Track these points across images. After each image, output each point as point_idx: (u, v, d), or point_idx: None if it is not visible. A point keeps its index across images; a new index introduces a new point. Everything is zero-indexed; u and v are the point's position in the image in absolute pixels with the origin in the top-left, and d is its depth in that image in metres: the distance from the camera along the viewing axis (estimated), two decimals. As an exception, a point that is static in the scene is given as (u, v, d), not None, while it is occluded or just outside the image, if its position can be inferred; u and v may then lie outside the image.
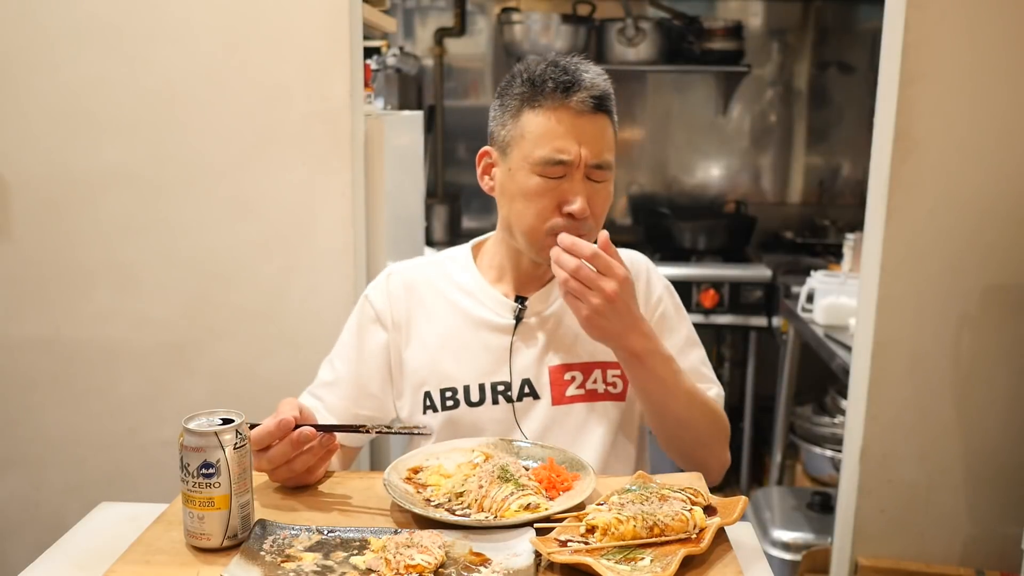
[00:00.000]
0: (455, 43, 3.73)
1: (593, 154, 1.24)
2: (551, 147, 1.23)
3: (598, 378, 1.34)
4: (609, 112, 1.26)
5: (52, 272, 1.86)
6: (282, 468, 1.13)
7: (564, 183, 1.25)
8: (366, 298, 1.41)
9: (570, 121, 1.23)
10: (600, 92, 1.24)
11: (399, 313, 1.38)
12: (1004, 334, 1.70)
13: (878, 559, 1.78)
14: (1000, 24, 1.62)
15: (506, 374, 1.33)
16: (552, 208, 1.25)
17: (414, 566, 0.90)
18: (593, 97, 1.23)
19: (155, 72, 1.79)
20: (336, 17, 1.75)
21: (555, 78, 1.24)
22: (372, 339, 1.38)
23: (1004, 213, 1.67)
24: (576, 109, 1.23)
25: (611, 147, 1.27)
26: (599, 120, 1.25)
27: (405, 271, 1.42)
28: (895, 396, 1.73)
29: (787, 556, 2.48)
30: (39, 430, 1.91)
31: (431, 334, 1.36)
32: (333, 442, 1.16)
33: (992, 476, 1.74)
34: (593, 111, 1.24)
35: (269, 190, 1.81)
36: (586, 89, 1.23)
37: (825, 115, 3.75)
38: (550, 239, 1.25)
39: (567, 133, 1.23)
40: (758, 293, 3.25)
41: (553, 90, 1.24)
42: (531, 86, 1.26)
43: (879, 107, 1.70)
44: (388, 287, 1.40)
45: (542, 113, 1.25)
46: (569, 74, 1.24)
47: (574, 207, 1.24)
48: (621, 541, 0.94)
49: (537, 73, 1.26)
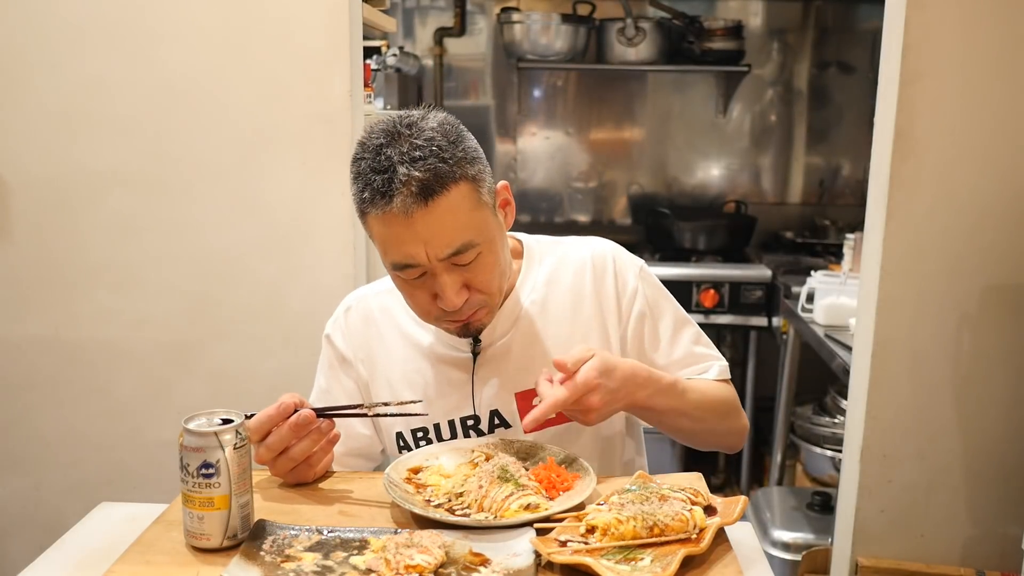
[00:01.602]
0: (455, 43, 3.73)
1: (441, 248, 1.12)
2: (395, 255, 1.14)
3: None
4: (445, 187, 1.10)
5: (52, 272, 1.85)
6: (282, 458, 1.13)
7: (429, 278, 1.16)
8: (328, 339, 1.39)
9: (403, 224, 1.10)
10: (421, 183, 1.08)
11: (360, 351, 1.36)
12: (1004, 334, 1.70)
13: (878, 559, 1.77)
14: (1000, 24, 1.62)
15: (471, 408, 1.31)
16: (430, 302, 1.18)
17: (414, 566, 0.90)
18: (414, 193, 1.08)
19: (155, 72, 1.78)
20: (336, 17, 1.75)
21: (372, 185, 1.10)
22: (343, 383, 1.37)
23: (1004, 213, 1.67)
24: (402, 212, 1.09)
25: (466, 223, 1.13)
26: (435, 209, 1.10)
27: (361, 304, 1.38)
28: (895, 396, 1.73)
29: (787, 556, 2.48)
30: (39, 430, 1.91)
31: (393, 371, 1.34)
32: (333, 429, 1.16)
33: (992, 476, 1.74)
34: (423, 205, 1.09)
35: (269, 190, 1.81)
36: (403, 187, 1.08)
37: (825, 115, 3.75)
38: (445, 323, 1.22)
39: (404, 238, 1.11)
40: (758, 293, 3.25)
41: (372, 199, 1.11)
42: (358, 189, 1.13)
43: (879, 107, 1.70)
44: (347, 324, 1.38)
45: (375, 220, 1.13)
46: (384, 173, 1.09)
47: (443, 304, 1.16)
48: (621, 541, 0.94)
49: (360, 175, 1.13)
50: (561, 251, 1.37)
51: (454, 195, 1.12)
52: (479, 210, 1.15)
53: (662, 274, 3.42)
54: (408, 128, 1.12)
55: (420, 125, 1.13)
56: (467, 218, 1.14)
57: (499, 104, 3.78)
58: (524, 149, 3.81)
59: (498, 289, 1.22)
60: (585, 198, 3.84)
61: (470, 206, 1.14)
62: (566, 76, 3.75)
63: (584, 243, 1.39)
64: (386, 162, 1.10)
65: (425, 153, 1.10)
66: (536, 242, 1.39)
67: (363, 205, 1.13)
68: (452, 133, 1.14)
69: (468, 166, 1.14)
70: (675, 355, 1.35)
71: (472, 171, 1.14)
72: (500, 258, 1.21)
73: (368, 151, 1.13)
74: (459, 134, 1.16)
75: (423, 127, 1.13)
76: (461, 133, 1.16)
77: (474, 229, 1.15)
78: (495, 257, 1.19)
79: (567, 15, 3.49)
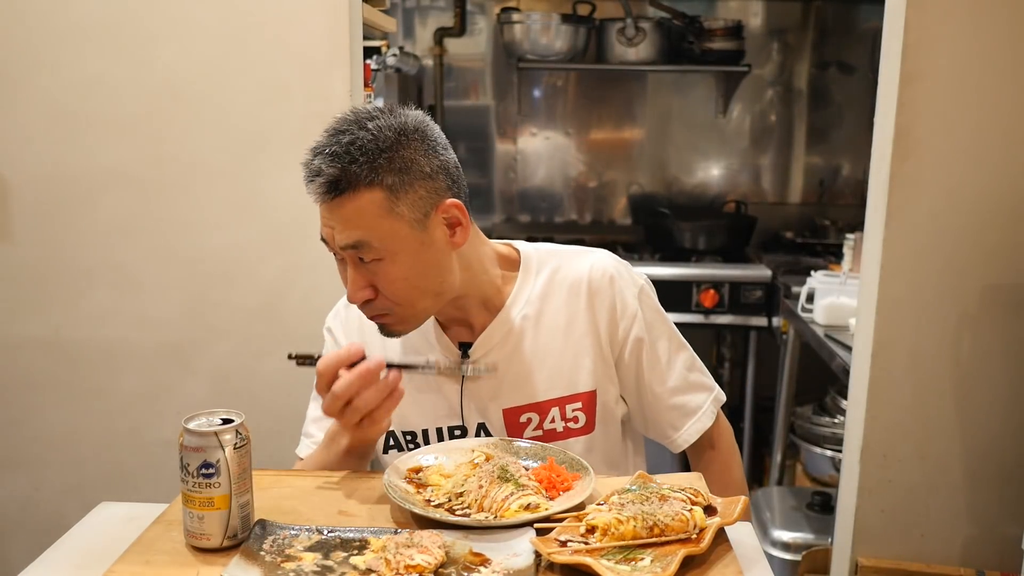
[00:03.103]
0: (455, 43, 3.73)
1: (340, 238, 1.17)
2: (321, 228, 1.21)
3: (555, 416, 1.29)
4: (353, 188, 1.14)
5: (52, 272, 1.85)
6: (348, 408, 1.13)
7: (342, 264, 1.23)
8: (329, 332, 1.40)
9: (320, 206, 1.18)
10: (328, 178, 1.14)
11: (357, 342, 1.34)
12: (1004, 334, 1.70)
13: (878, 559, 1.77)
14: (1000, 24, 1.62)
15: (459, 419, 1.31)
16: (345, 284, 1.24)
17: (414, 566, 0.90)
18: (321, 184, 1.14)
19: (155, 72, 1.78)
20: (336, 17, 1.75)
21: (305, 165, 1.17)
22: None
23: (1004, 213, 1.67)
24: (315, 197, 1.17)
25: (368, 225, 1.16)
26: (341, 205, 1.15)
27: None
28: (895, 396, 1.73)
29: (787, 556, 2.48)
30: (39, 430, 1.91)
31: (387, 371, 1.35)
32: (399, 383, 1.16)
33: (992, 476, 1.74)
34: (329, 198, 1.15)
35: (269, 190, 1.81)
36: (316, 176, 1.15)
37: (825, 115, 3.75)
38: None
39: (323, 218, 1.19)
40: (758, 293, 3.24)
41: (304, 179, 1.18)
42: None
43: (879, 107, 1.70)
44: (346, 318, 1.39)
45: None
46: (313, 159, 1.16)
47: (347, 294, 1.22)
48: (621, 541, 0.94)
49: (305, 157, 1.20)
50: (558, 263, 1.34)
51: (362, 198, 1.14)
52: (387, 219, 1.16)
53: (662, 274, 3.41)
54: (355, 124, 1.16)
55: (366, 124, 1.16)
56: (370, 222, 1.15)
57: (499, 104, 3.78)
58: (524, 149, 3.81)
59: (407, 301, 1.21)
60: (585, 198, 3.84)
61: (377, 213, 1.15)
62: (566, 76, 3.75)
63: (584, 257, 1.35)
64: (318, 149, 1.16)
65: (342, 151, 1.14)
66: (534, 251, 1.36)
67: None
68: (389, 140, 1.15)
69: (388, 175, 1.15)
70: (671, 381, 1.33)
71: (390, 180, 1.15)
72: (410, 272, 1.19)
73: (325, 131, 1.18)
74: (397, 142, 1.16)
75: (366, 125, 1.16)
76: (402, 142, 1.16)
77: (375, 234, 1.16)
78: (401, 270, 1.19)
79: (567, 15, 3.49)
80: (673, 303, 1.40)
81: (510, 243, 1.38)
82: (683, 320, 3.16)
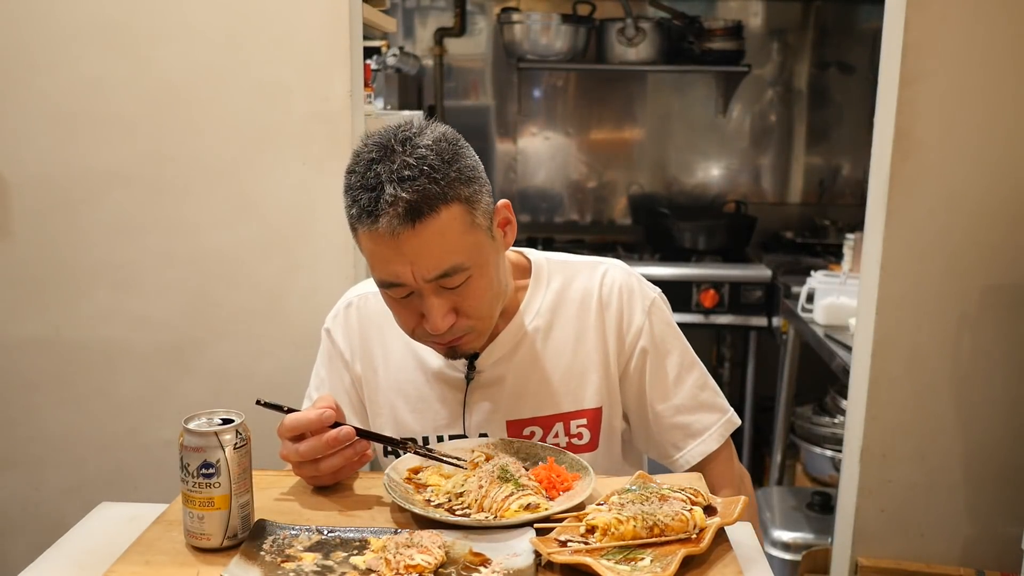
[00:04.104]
0: (455, 43, 3.73)
1: (428, 269, 1.08)
2: (382, 272, 1.11)
3: (559, 431, 1.27)
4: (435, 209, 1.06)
5: (52, 272, 1.85)
6: (308, 465, 1.11)
7: (415, 299, 1.13)
8: (328, 333, 1.37)
9: (390, 244, 1.07)
10: (408, 205, 1.04)
11: (358, 349, 1.34)
12: (1004, 334, 1.70)
13: (878, 559, 1.77)
14: (1000, 24, 1.62)
15: (461, 428, 1.29)
16: (416, 322, 1.15)
17: (414, 566, 0.90)
18: (400, 215, 1.05)
19: (155, 72, 1.78)
20: (336, 17, 1.75)
21: (359, 202, 1.07)
22: (342, 377, 1.36)
23: (1004, 213, 1.67)
24: (389, 232, 1.06)
25: (455, 245, 1.08)
26: (423, 231, 1.06)
27: (363, 304, 1.35)
28: (895, 396, 1.73)
29: (787, 556, 2.48)
30: (39, 430, 1.91)
31: (387, 376, 1.32)
32: (368, 450, 1.13)
33: (992, 476, 1.74)
34: (410, 226, 1.05)
35: (269, 190, 1.81)
36: (390, 207, 1.04)
37: (825, 115, 3.75)
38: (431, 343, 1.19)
39: (391, 257, 1.08)
40: (758, 293, 3.25)
41: (359, 216, 1.08)
42: (348, 203, 1.10)
43: (879, 107, 1.70)
44: (347, 321, 1.36)
45: (364, 236, 1.10)
46: (372, 192, 1.06)
47: (428, 327, 1.13)
48: (621, 541, 0.94)
49: (350, 188, 1.10)
50: (570, 274, 1.31)
51: (444, 217, 1.07)
52: (471, 233, 1.10)
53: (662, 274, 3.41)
54: (402, 144, 1.08)
55: (415, 141, 1.08)
56: (457, 241, 1.09)
57: (499, 104, 3.78)
58: (524, 149, 3.81)
59: (488, 314, 1.17)
60: (585, 198, 3.84)
61: (461, 229, 1.09)
62: (566, 76, 3.75)
63: (596, 269, 1.31)
64: (374, 179, 1.06)
65: (415, 173, 1.05)
66: (545, 260, 1.32)
67: (352, 220, 1.11)
68: (448, 151, 1.09)
69: (462, 187, 1.09)
70: (677, 399, 1.28)
71: (466, 192, 1.09)
72: (492, 282, 1.16)
73: (360, 164, 1.09)
74: (455, 152, 1.10)
75: (417, 143, 1.08)
76: (458, 151, 1.11)
77: (464, 252, 1.10)
78: (487, 281, 1.14)
79: (567, 15, 3.49)
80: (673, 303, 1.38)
81: (520, 251, 1.34)
82: (683, 320, 3.16)
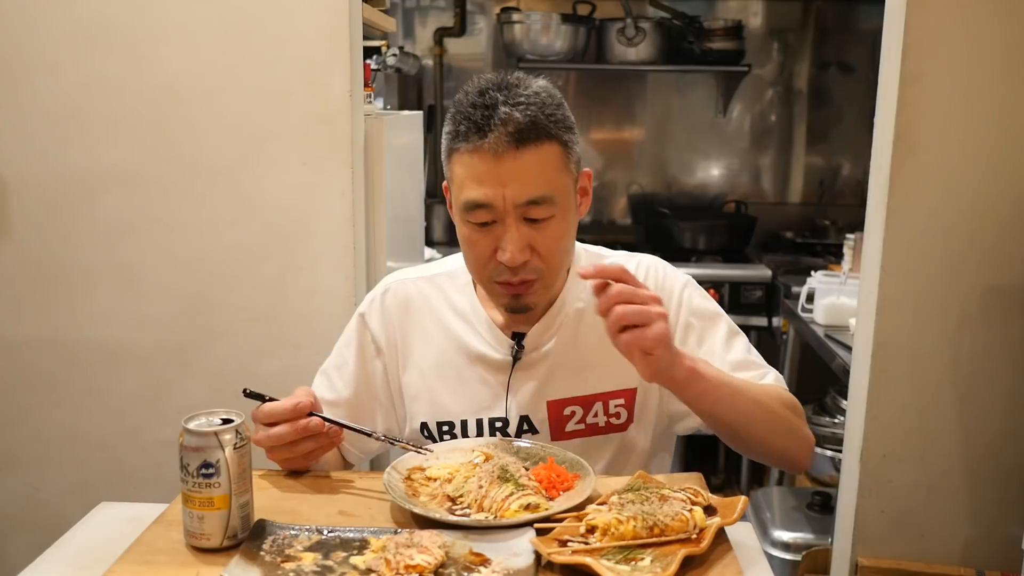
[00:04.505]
0: (455, 43, 3.73)
1: (520, 193, 1.14)
2: (473, 192, 1.15)
3: (599, 411, 1.29)
4: (539, 139, 1.14)
5: (52, 272, 1.85)
6: (282, 448, 1.15)
7: (497, 228, 1.17)
8: (363, 319, 1.37)
9: (490, 162, 1.13)
10: (519, 125, 1.13)
11: (395, 335, 1.35)
12: (1005, 334, 1.70)
13: (878, 559, 1.77)
14: (1001, 24, 1.62)
15: (503, 410, 1.30)
16: (489, 256, 1.19)
17: (414, 566, 0.90)
18: (510, 133, 1.12)
19: (155, 72, 1.78)
20: (336, 17, 1.75)
21: (470, 117, 1.14)
22: (373, 366, 1.36)
23: (1004, 213, 1.67)
24: (493, 150, 1.13)
25: (549, 179, 1.16)
26: (524, 156, 1.13)
27: (400, 289, 1.37)
28: (895, 396, 1.73)
29: (787, 556, 2.48)
30: (39, 430, 1.91)
31: (427, 360, 1.33)
32: (339, 436, 1.17)
33: (993, 476, 1.74)
34: (514, 148, 1.13)
35: (269, 190, 1.81)
36: (501, 125, 1.12)
37: (825, 115, 3.75)
38: (497, 286, 1.21)
39: (487, 176, 1.14)
40: (758, 293, 3.24)
41: (467, 132, 1.15)
42: (453, 125, 1.18)
43: (879, 107, 1.70)
44: (384, 307, 1.36)
45: (464, 156, 1.16)
46: (486, 109, 1.14)
47: (503, 256, 1.16)
48: (621, 541, 0.94)
49: (458, 111, 1.17)
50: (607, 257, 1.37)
51: (545, 149, 1.15)
52: (563, 174, 1.18)
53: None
54: (517, 81, 1.18)
55: (527, 81, 1.18)
56: (552, 176, 1.16)
57: (499, 104, 3.77)
58: (524, 149, 3.81)
59: (558, 263, 1.22)
60: (585, 198, 3.84)
61: (557, 166, 1.17)
62: (566, 76, 3.75)
63: (632, 257, 1.37)
64: (491, 100, 1.14)
65: (530, 101, 1.14)
66: (584, 251, 1.38)
67: (454, 140, 1.17)
68: (557, 97, 1.19)
69: (564, 131, 1.18)
70: (730, 358, 1.29)
71: (566, 136, 1.18)
72: (569, 232, 1.22)
73: (473, 90, 1.18)
74: (562, 102, 1.20)
75: (530, 83, 1.18)
76: (563, 102, 1.20)
77: (555, 188, 1.16)
78: (566, 227, 1.20)
79: (567, 15, 3.49)
80: (674, 303, 1.39)
81: None
82: (683, 320, 3.15)
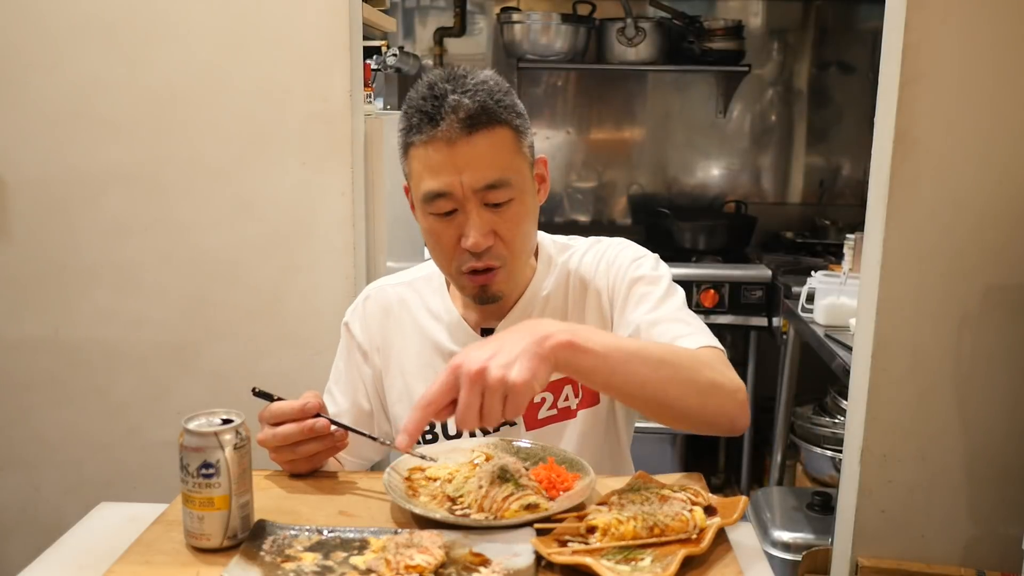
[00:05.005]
0: (455, 43, 3.73)
1: (477, 178, 1.16)
2: (431, 183, 1.17)
3: (569, 394, 1.31)
4: (491, 124, 1.16)
5: (52, 272, 1.85)
6: (286, 449, 1.15)
7: (459, 216, 1.19)
8: (347, 327, 1.40)
9: (444, 151, 1.16)
10: (469, 111, 1.15)
11: (376, 339, 1.38)
12: (1005, 334, 1.70)
13: (878, 559, 1.77)
14: (1001, 24, 1.62)
15: None
16: (454, 245, 1.20)
17: (414, 566, 0.90)
18: (461, 120, 1.15)
19: (155, 72, 1.78)
20: (336, 17, 1.75)
21: (421, 109, 1.17)
22: (361, 370, 1.39)
23: (1005, 213, 1.67)
24: (446, 138, 1.15)
25: (505, 162, 1.18)
26: (477, 140, 1.15)
27: (380, 295, 1.40)
28: (895, 396, 1.73)
29: (787, 556, 2.48)
30: (38, 430, 1.91)
31: (407, 363, 1.35)
32: (344, 440, 1.18)
33: (993, 476, 1.74)
34: (467, 133, 1.15)
35: (269, 190, 1.81)
36: (452, 112, 1.15)
37: (825, 115, 3.75)
38: (464, 277, 1.22)
39: (442, 165, 1.16)
40: (758, 293, 3.24)
41: (419, 123, 1.17)
42: (406, 120, 1.20)
43: (879, 107, 1.70)
44: (365, 313, 1.39)
45: (419, 149, 1.18)
46: (436, 100, 1.16)
47: (467, 242, 1.18)
48: (621, 541, 0.94)
49: (410, 106, 1.20)
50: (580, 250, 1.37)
51: (497, 134, 1.17)
52: (518, 157, 1.20)
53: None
54: (464, 73, 1.20)
55: (475, 72, 1.20)
56: (507, 159, 1.18)
57: (499, 104, 3.77)
58: (524, 149, 3.81)
59: (521, 249, 1.24)
60: (585, 198, 3.84)
61: (511, 149, 1.19)
62: (566, 76, 3.75)
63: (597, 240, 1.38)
64: (440, 91, 1.17)
65: (478, 88, 1.17)
66: (552, 242, 1.39)
67: (408, 135, 1.19)
68: (504, 85, 1.21)
69: (514, 116, 1.20)
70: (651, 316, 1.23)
71: (517, 122, 1.20)
72: (529, 215, 1.23)
73: (422, 85, 1.20)
74: (509, 89, 1.22)
75: (478, 73, 1.20)
76: (512, 91, 1.23)
77: (512, 171, 1.19)
78: (525, 210, 1.22)
79: (567, 15, 3.49)
80: (673, 303, 1.38)
81: None
82: (683, 320, 3.15)
